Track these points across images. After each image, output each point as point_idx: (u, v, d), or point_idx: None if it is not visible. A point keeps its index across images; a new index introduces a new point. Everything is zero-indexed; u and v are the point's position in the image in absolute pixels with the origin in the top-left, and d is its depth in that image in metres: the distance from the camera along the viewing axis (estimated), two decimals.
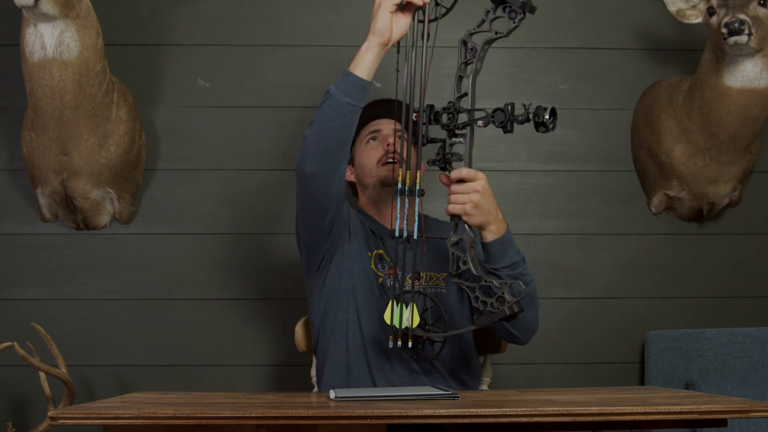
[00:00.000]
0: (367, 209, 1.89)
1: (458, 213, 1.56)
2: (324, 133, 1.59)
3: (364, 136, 1.88)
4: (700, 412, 1.21)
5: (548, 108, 1.49)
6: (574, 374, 2.38)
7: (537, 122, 1.50)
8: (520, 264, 1.64)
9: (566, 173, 2.44)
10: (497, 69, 2.42)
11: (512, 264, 1.63)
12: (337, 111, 1.57)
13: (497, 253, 1.62)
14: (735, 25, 2.01)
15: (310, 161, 1.60)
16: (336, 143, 1.60)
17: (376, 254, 1.79)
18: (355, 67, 1.58)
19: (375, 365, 1.71)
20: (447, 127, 1.57)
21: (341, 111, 1.57)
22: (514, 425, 1.26)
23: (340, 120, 1.58)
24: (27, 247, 2.35)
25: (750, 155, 2.33)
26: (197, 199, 2.38)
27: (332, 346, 1.76)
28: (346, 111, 1.58)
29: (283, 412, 1.19)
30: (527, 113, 1.50)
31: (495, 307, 1.47)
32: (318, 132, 1.59)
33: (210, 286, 2.36)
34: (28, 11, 1.93)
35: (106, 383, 2.33)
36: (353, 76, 1.58)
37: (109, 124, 2.19)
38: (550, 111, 1.49)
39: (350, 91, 1.57)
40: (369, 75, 1.59)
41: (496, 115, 1.53)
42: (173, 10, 2.41)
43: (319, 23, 2.43)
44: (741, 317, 2.42)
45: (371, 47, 1.58)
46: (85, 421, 1.18)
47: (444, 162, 1.58)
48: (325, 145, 1.59)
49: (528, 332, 1.71)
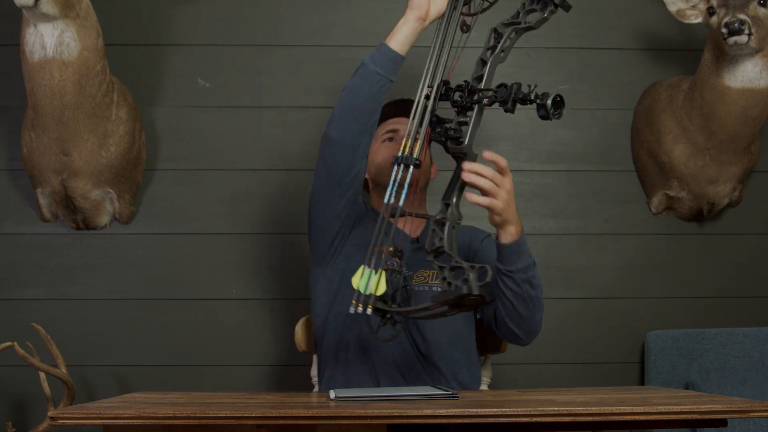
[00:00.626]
0: (380, 208, 1.88)
1: (486, 205, 1.51)
2: (351, 100, 1.63)
3: (381, 134, 1.88)
4: (700, 412, 1.21)
5: (553, 94, 1.44)
6: (574, 374, 2.38)
7: (539, 104, 1.44)
8: (532, 267, 1.62)
9: (566, 173, 2.44)
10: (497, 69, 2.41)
11: (526, 267, 1.61)
12: (365, 80, 1.62)
13: (513, 256, 1.59)
14: (735, 25, 2.01)
15: (335, 126, 1.64)
16: (361, 111, 1.63)
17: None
18: (390, 39, 1.63)
19: (377, 360, 1.71)
20: (456, 104, 1.54)
21: (370, 80, 1.62)
22: (514, 425, 1.25)
23: (368, 89, 1.62)
24: (27, 247, 2.36)
25: (750, 155, 2.33)
26: (197, 199, 2.38)
27: (336, 339, 1.76)
28: (374, 80, 1.61)
29: (283, 412, 1.19)
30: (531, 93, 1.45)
31: (451, 287, 1.39)
32: (346, 98, 1.64)
33: (210, 286, 2.36)
34: (28, 11, 1.93)
35: (106, 383, 2.33)
36: (386, 47, 1.62)
37: (109, 124, 2.19)
38: (553, 97, 1.44)
39: (382, 61, 1.62)
40: (403, 49, 1.63)
41: (499, 91, 1.49)
42: (173, 10, 2.41)
43: (319, 23, 2.43)
44: (741, 317, 2.42)
45: (408, 21, 1.62)
46: (85, 421, 1.18)
47: (445, 137, 1.53)
48: (351, 112, 1.63)
49: (531, 333, 1.70)
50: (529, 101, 1.45)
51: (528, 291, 1.62)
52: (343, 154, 1.66)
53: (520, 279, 1.60)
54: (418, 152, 1.52)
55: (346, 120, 1.63)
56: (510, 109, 1.48)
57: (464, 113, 1.54)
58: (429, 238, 1.47)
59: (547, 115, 1.44)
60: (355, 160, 1.66)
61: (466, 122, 1.52)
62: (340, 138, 1.64)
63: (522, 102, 1.46)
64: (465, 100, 1.53)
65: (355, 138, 1.64)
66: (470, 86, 1.53)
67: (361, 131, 1.64)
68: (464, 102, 1.53)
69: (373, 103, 1.63)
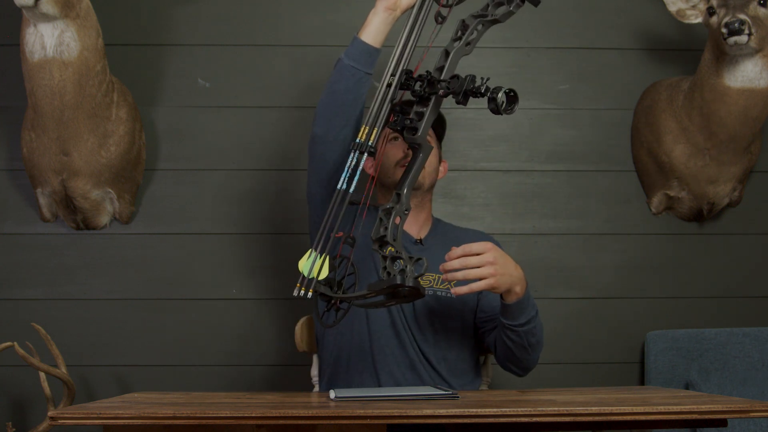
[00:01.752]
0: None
1: (485, 288, 1.53)
2: (330, 96, 1.65)
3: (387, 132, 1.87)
4: (700, 412, 1.21)
5: (504, 88, 1.42)
6: (574, 374, 2.38)
7: (489, 97, 1.42)
8: (534, 318, 1.63)
9: (566, 173, 2.44)
10: (497, 69, 2.43)
11: (529, 320, 1.61)
12: (342, 74, 1.64)
13: (516, 311, 1.60)
14: (735, 25, 2.01)
15: (318, 123, 1.67)
16: (341, 105, 1.64)
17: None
18: (361, 32, 1.65)
19: (379, 360, 1.71)
20: (416, 93, 1.52)
21: (345, 74, 1.63)
22: (514, 425, 1.26)
23: (344, 82, 1.63)
24: (27, 247, 2.35)
25: (750, 155, 2.33)
26: (197, 199, 2.38)
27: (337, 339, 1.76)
28: (349, 74, 1.62)
29: (283, 412, 1.19)
30: (482, 86, 1.43)
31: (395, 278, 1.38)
32: (325, 95, 1.66)
33: (210, 286, 2.36)
34: (28, 11, 1.93)
35: (106, 383, 2.33)
36: (358, 41, 1.64)
37: (109, 124, 2.19)
38: (505, 91, 1.42)
39: (355, 55, 1.63)
40: (375, 40, 1.64)
41: (452, 83, 1.47)
42: (173, 10, 2.41)
43: (319, 23, 2.43)
44: (741, 317, 2.42)
45: (377, 12, 1.64)
46: (85, 421, 1.18)
47: (401, 126, 1.51)
48: (331, 107, 1.64)
49: (528, 370, 1.74)
50: (480, 95, 1.43)
51: (529, 339, 1.64)
52: (330, 150, 1.67)
53: (523, 332, 1.62)
54: (375, 140, 1.50)
55: (328, 116, 1.65)
56: (461, 101, 1.46)
57: (424, 104, 1.52)
58: (375, 227, 1.46)
59: (497, 109, 1.42)
60: (342, 154, 1.65)
61: (424, 113, 1.51)
62: (325, 134, 1.66)
63: (473, 95, 1.44)
64: (424, 90, 1.51)
65: (339, 132, 1.66)
66: (430, 76, 1.52)
67: (344, 125, 1.66)
68: (423, 92, 1.52)
69: (352, 95, 1.64)
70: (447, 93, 1.48)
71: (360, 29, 1.66)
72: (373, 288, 1.39)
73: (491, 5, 1.57)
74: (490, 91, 1.42)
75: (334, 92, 1.65)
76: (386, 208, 1.47)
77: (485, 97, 1.43)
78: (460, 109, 2.34)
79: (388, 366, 1.71)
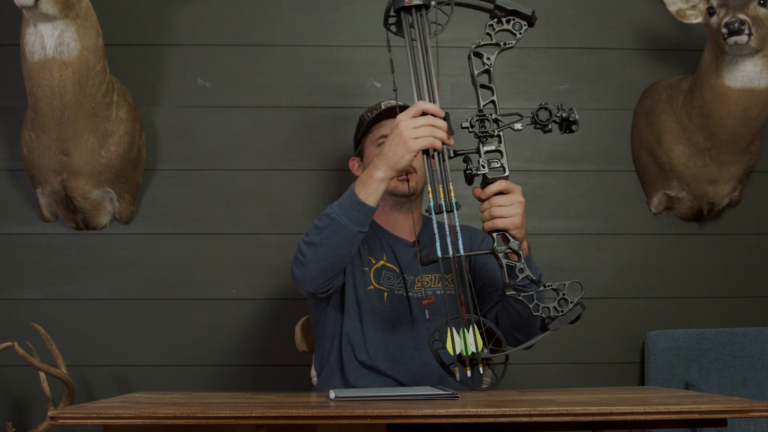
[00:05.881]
0: (378, 219, 1.87)
1: (507, 227, 1.49)
2: (331, 260, 1.57)
3: (375, 138, 1.85)
4: (700, 412, 1.21)
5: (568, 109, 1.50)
6: (574, 374, 2.38)
7: (570, 121, 1.49)
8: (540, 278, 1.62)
9: (566, 173, 2.44)
10: (497, 69, 2.38)
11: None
12: (345, 238, 1.53)
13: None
14: (735, 25, 2.01)
15: (312, 282, 1.60)
16: (341, 266, 1.60)
17: (375, 269, 1.78)
18: (367, 196, 1.52)
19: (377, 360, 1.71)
20: (484, 134, 1.52)
21: (351, 239, 1.54)
22: (514, 425, 1.26)
23: (349, 247, 1.55)
24: (27, 247, 2.36)
25: (750, 155, 2.33)
26: (197, 199, 2.38)
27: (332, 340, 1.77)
28: (356, 239, 1.55)
29: (283, 412, 1.19)
30: (563, 112, 1.50)
31: (559, 311, 1.45)
32: (324, 257, 1.56)
33: (210, 286, 2.36)
34: (28, 11, 1.93)
35: (106, 383, 2.33)
36: (366, 207, 1.52)
37: (109, 124, 2.19)
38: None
39: (361, 220, 1.53)
40: (376, 201, 1.54)
41: (540, 113, 1.51)
42: (173, 10, 2.41)
43: (319, 23, 2.43)
44: (741, 317, 2.42)
45: (385, 180, 1.52)
46: (85, 421, 1.18)
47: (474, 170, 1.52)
48: (330, 270, 1.59)
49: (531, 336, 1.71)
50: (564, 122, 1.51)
51: None
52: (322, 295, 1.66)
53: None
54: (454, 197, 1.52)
55: (326, 276, 1.60)
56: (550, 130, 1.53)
57: (486, 142, 1.53)
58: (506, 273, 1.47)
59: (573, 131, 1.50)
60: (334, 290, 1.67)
61: (495, 150, 1.52)
62: (318, 290, 1.63)
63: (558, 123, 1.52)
64: (491, 129, 1.52)
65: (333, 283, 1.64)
66: (487, 115, 1.53)
67: (339, 274, 1.64)
68: (490, 131, 1.52)
69: (352, 255, 1.60)
70: (529, 124, 1.52)
71: (360, 186, 1.52)
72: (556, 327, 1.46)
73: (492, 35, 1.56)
74: (570, 116, 1.50)
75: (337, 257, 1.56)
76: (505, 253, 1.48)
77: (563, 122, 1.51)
78: (460, 110, 2.34)
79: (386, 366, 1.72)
